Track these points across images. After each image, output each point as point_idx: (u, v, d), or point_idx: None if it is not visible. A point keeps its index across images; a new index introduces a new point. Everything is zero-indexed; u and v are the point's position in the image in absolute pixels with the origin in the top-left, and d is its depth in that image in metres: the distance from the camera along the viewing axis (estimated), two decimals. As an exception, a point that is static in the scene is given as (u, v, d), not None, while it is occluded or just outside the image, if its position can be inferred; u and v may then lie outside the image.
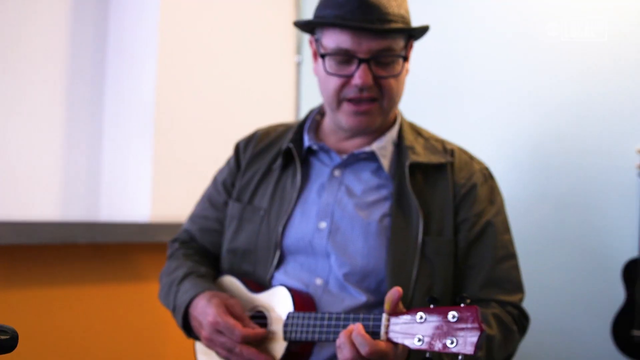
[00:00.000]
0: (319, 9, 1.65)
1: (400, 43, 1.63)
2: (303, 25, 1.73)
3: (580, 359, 2.16)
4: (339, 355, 1.35)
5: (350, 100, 1.63)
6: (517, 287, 1.68)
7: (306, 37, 2.08)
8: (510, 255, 1.69)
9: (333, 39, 1.61)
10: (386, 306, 1.35)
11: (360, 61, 1.59)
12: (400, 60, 1.63)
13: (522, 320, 1.66)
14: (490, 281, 1.64)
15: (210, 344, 1.59)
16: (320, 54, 1.66)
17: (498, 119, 2.37)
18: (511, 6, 2.37)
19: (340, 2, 1.58)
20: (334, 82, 1.63)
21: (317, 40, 1.68)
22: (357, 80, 1.59)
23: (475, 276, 1.64)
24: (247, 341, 1.54)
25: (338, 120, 1.69)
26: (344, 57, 1.61)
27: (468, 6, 2.48)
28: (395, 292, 1.34)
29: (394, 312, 1.34)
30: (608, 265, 2.12)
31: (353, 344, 1.32)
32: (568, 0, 2.24)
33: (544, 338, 2.18)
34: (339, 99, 1.65)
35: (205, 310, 1.59)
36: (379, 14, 1.56)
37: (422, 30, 1.67)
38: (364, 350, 1.30)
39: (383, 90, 1.63)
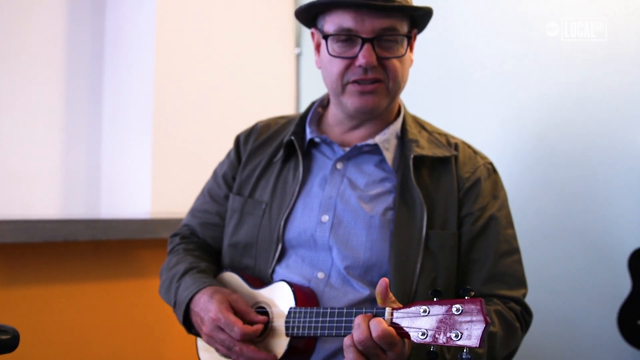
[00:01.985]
0: None
1: (403, 25, 1.61)
2: (304, 18, 1.71)
3: (587, 349, 2.15)
4: (355, 335, 1.30)
5: (355, 82, 1.61)
6: (520, 282, 1.66)
7: (305, 29, 2.07)
8: (513, 250, 1.67)
9: (335, 21, 1.60)
10: (378, 300, 1.32)
11: (364, 41, 1.57)
12: (405, 42, 1.62)
13: (525, 317, 1.64)
14: (492, 276, 1.62)
15: (211, 340, 1.58)
16: (322, 36, 1.64)
17: (501, 110, 2.36)
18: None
19: None
20: (338, 65, 1.61)
21: (319, 30, 1.66)
22: (360, 60, 1.57)
23: (478, 271, 1.63)
24: (247, 339, 1.52)
25: (343, 105, 1.67)
26: (347, 37, 1.59)
27: (471, 1, 2.47)
28: (382, 282, 1.31)
29: (390, 303, 1.32)
30: (614, 255, 2.11)
31: (367, 327, 1.29)
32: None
33: (549, 328, 2.17)
34: (343, 83, 1.63)
35: (207, 306, 1.58)
36: None
37: (426, 15, 1.66)
38: (375, 333, 1.26)
39: (388, 72, 1.61)
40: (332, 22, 1.61)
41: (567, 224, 2.19)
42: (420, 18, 1.67)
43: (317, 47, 1.70)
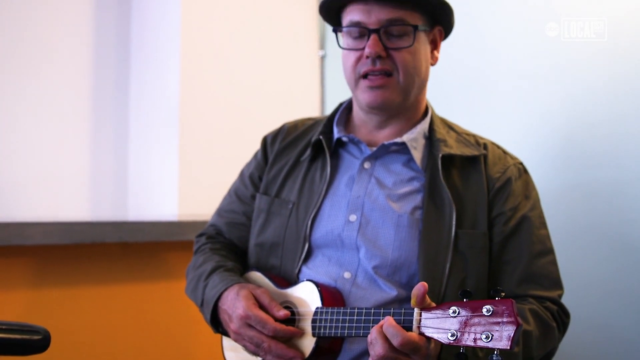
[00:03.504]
0: None
1: (415, 18, 1.62)
2: (328, 17, 1.74)
3: (618, 354, 2.11)
4: (371, 352, 1.31)
5: (365, 77, 1.63)
6: (556, 283, 1.64)
7: (329, 30, 2.08)
8: (547, 251, 1.65)
9: (348, 16, 1.64)
10: (413, 301, 1.32)
11: (370, 32, 1.60)
12: (413, 33, 1.62)
13: (561, 317, 1.61)
14: (527, 277, 1.60)
15: (239, 337, 1.58)
16: (333, 30, 1.69)
17: (528, 111, 2.34)
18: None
19: None
20: (350, 59, 1.65)
21: (334, 31, 1.70)
22: (367, 50, 1.60)
23: (511, 272, 1.61)
24: (279, 336, 1.52)
25: (359, 101, 1.69)
26: (357, 31, 1.62)
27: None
28: (420, 286, 1.30)
29: (425, 307, 1.31)
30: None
31: (385, 338, 1.29)
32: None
33: (579, 334, 2.13)
34: (356, 77, 1.65)
35: (234, 303, 1.58)
36: None
37: (442, 9, 1.66)
38: (396, 342, 1.26)
39: (397, 63, 1.61)
40: (345, 18, 1.65)
41: (597, 226, 2.16)
42: (440, 13, 1.67)
43: None
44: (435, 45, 1.70)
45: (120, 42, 2.83)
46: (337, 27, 1.72)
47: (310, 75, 3.10)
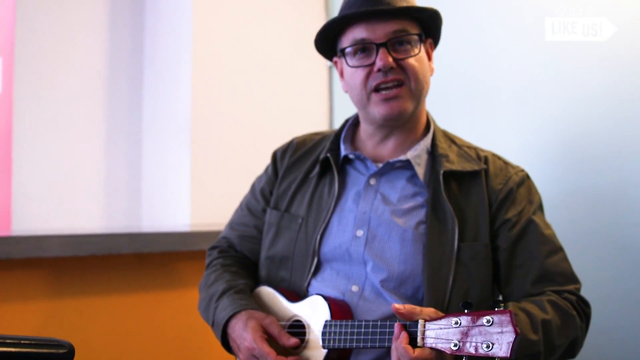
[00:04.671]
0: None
1: (413, 28, 1.69)
2: (323, 48, 1.80)
3: (621, 357, 2.14)
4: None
5: (377, 90, 1.67)
6: (571, 278, 1.66)
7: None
8: (558, 249, 1.69)
9: (349, 37, 1.70)
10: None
11: (378, 46, 1.65)
12: (417, 42, 1.69)
13: (582, 306, 1.63)
14: (541, 277, 1.63)
15: None
16: (340, 50, 1.73)
17: (530, 117, 2.36)
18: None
19: (350, 2, 1.68)
20: (359, 75, 1.69)
21: (341, 52, 1.74)
22: (378, 63, 1.65)
23: (525, 275, 1.64)
24: None
25: (371, 115, 1.72)
26: (362, 47, 1.68)
27: (498, 9, 2.50)
28: (392, 308, 1.40)
29: (427, 316, 1.37)
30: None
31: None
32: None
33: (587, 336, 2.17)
34: (367, 92, 1.69)
35: (242, 334, 1.63)
36: (387, 0, 1.65)
37: (433, 19, 1.72)
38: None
39: (407, 72, 1.67)
40: (346, 39, 1.70)
41: (600, 230, 2.18)
42: (430, 23, 1.73)
43: (342, 74, 1.78)
44: (429, 57, 1.76)
45: (133, 55, 2.89)
46: (332, 55, 1.79)
47: (318, 85, 3.14)
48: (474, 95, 2.53)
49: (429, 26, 1.74)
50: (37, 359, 1.06)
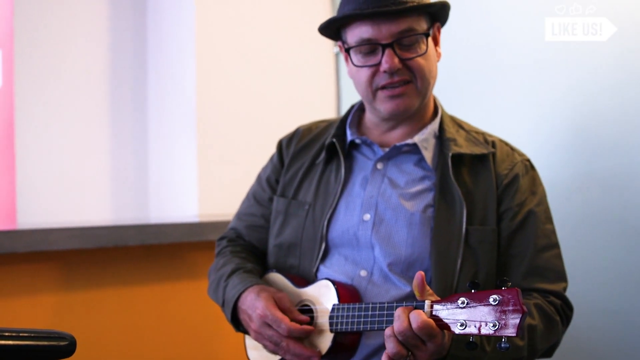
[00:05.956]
0: (339, 10, 1.69)
1: (422, 23, 1.65)
2: (327, 32, 1.76)
3: (634, 341, 2.13)
4: (395, 325, 1.34)
5: (384, 88, 1.66)
6: (560, 276, 1.67)
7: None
8: (552, 245, 1.68)
9: (355, 33, 1.66)
10: (416, 294, 1.37)
11: (384, 47, 1.62)
12: (424, 39, 1.65)
13: (565, 311, 1.65)
14: (532, 270, 1.64)
15: (259, 337, 1.63)
16: (345, 49, 1.70)
17: (537, 102, 2.35)
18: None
19: None
20: (365, 74, 1.67)
21: (343, 42, 1.72)
22: (384, 65, 1.62)
23: (517, 265, 1.65)
24: (293, 335, 1.57)
25: (377, 111, 1.71)
26: (368, 47, 1.64)
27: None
28: (418, 275, 1.36)
29: (430, 297, 1.36)
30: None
31: (407, 318, 1.33)
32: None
33: (595, 321, 2.16)
34: (373, 90, 1.68)
35: (254, 303, 1.62)
36: None
37: (442, 9, 1.69)
38: (415, 324, 1.30)
39: (414, 71, 1.65)
40: (352, 35, 1.67)
41: (610, 214, 2.18)
42: (438, 12, 1.70)
43: (347, 58, 1.75)
44: (436, 42, 1.73)
45: (137, 46, 2.88)
46: (336, 38, 1.76)
47: (325, 73, 3.12)
48: (481, 82, 2.53)
49: (437, 15, 1.71)
50: (37, 351, 1.05)
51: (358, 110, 1.86)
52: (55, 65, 2.66)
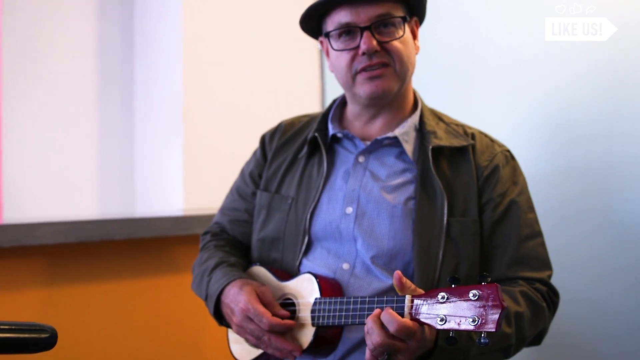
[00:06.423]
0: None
1: (398, 10, 1.68)
2: (309, 29, 1.80)
3: (615, 332, 2.15)
4: (369, 342, 1.36)
5: (363, 71, 1.68)
6: (545, 264, 1.69)
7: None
8: (536, 234, 1.70)
9: (334, 20, 1.69)
10: (397, 291, 1.39)
11: (362, 30, 1.65)
12: (402, 26, 1.68)
13: (551, 297, 1.66)
14: (516, 259, 1.65)
15: (241, 330, 1.64)
16: (324, 34, 1.74)
17: (520, 96, 2.36)
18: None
19: None
20: (344, 58, 1.69)
21: (325, 35, 1.74)
22: (362, 47, 1.64)
23: (501, 255, 1.66)
24: (275, 330, 1.58)
25: (357, 96, 1.72)
26: (347, 31, 1.67)
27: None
28: (396, 275, 1.38)
29: (412, 292, 1.37)
30: (638, 238, 2.10)
31: (381, 326, 1.34)
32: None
33: (575, 312, 2.18)
34: (353, 74, 1.69)
35: (236, 297, 1.64)
36: None
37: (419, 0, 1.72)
38: (392, 328, 1.31)
39: (392, 54, 1.67)
40: (331, 22, 1.70)
41: (590, 207, 2.19)
42: (416, 4, 1.73)
43: (327, 53, 1.77)
44: (414, 36, 1.76)
45: (124, 41, 2.88)
46: (318, 34, 1.79)
47: (310, 68, 3.13)
48: (464, 75, 2.54)
49: (413, 5, 1.74)
50: (18, 344, 1.06)
51: (340, 105, 1.87)
52: (42, 61, 2.66)
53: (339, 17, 1.67)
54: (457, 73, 2.55)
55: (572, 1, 2.21)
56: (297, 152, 1.87)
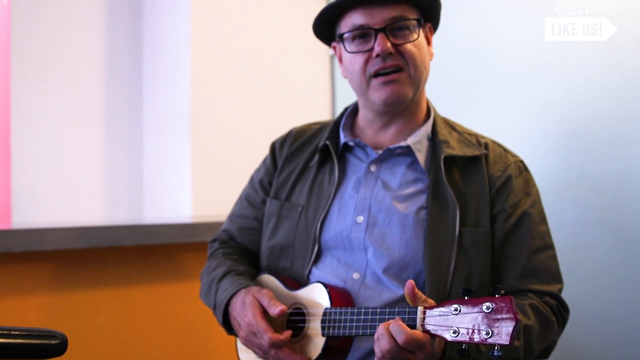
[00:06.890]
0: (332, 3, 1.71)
1: (413, 13, 1.68)
2: (322, 34, 1.80)
3: (627, 344, 2.13)
4: (377, 348, 1.36)
5: (377, 76, 1.67)
6: (555, 277, 1.67)
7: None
8: (547, 246, 1.68)
9: (347, 22, 1.69)
10: (408, 302, 1.37)
11: (377, 32, 1.64)
12: (416, 29, 1.68)
13: (561, 311, 1.65)
14: (527, 271, 1.63)
15: (248, 343, 1.65)
16: (338, 36, 1.73)
17: (534, 104, 2.35)
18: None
19: None
20: (358, 61, 1.68)
21: (339, 38, 1.73)
22: (376, 49, 1.64)
23: (512, 267, 1.64)
24: (276, 347, 1.57)
25: (371, 101, 1.71)
26: (361, 33, 1.67)
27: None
28: (408, 284, 1.37)
29: (422, 303, 1.36)
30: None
31: (390, 335, 1.33)
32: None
33: (588, 324, 2.16)
34: (367, 78, 1.68)
35: (242, 311, 1.63)
36: None
37: (433, 4, 1.71)
38: (400, 339, 1.30)
39: (406, 58, 1.66)
40: (345, 24, 1.70)
41: (604, 217, 2.18)
42: (428, 8, 1.72)
43: (340, 59, 1.77)
44: (428, 41, 1.75)
45: (133, 45, 2.88)
46: (330, 41, 1.79)
47: (320, 75, 3.13)
48: (476, 84, 2.54)
49: (427, 11, 1.73)
50: (28, 349, 1.05)
51: (351, 113, 1.86)
52: (51, 67, 2.66)
53: (352, 20, 1.67)
54: (472, 78, 2.54)
55: (572, 1, 2.21)
56: (308, 160, 1.86)
